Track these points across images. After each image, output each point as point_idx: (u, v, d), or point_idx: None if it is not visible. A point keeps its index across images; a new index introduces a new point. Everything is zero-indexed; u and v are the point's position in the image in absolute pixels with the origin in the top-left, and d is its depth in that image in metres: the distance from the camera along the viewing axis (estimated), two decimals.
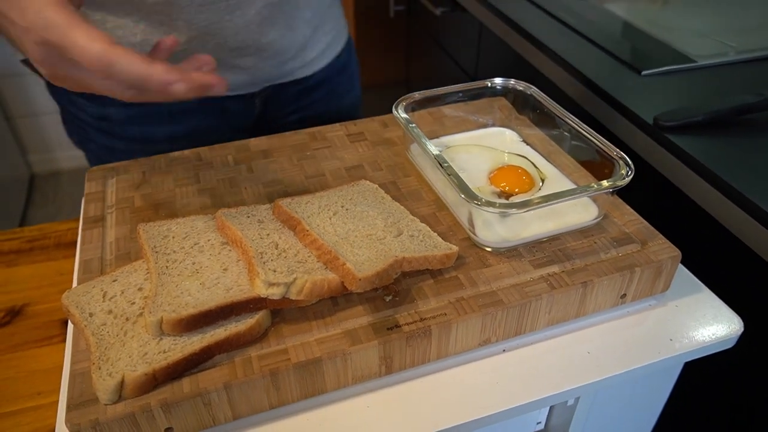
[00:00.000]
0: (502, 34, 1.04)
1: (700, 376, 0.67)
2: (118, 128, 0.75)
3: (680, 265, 0.56)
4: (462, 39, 1.26)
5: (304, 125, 0.84)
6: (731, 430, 0.68)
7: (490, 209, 0.48)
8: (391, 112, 0.71)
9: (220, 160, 0.64)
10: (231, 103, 0.79)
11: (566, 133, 0.60)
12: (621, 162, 0.52)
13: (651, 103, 0.74)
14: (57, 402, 0.56)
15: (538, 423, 0.57)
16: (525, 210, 0.48)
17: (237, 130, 0.83)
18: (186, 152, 0.65)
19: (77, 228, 0.77)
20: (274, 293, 0.43)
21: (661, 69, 0.81)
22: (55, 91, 0.74)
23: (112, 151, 0.76)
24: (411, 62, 1.64)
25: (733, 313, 0.53)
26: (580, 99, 0.83)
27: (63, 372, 0.47)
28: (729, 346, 0.51)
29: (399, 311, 0.46)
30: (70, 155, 2.22)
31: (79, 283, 0.49)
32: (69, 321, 0.52)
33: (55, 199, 2.13)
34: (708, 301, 0.54)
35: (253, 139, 0.67)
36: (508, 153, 0.63)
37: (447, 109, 0.69)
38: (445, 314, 0.46)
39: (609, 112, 0.77)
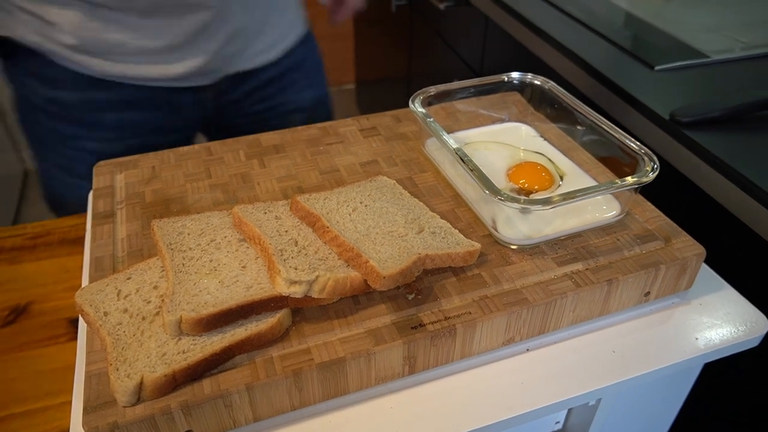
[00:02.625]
0: (509, 29, 1.03)
1: (717, 375, 0.67)
2: (68, 112, 0.75)
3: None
4: (467, 34, 1.25)
5: (259, 122, 0.87)
6: (750, 430, 0.67)
7: (514, 205, 0.47)
8: (397, 107, 0.70)
9: (232, 154, 0.62)
10: (180, 97, 0.79)
11: (586, 129, 0.59)
12: (646, 158, 0.51)
13: (665, 98, 0.73)
14: (66, 403, 0.54)
15: (556, 423, 0.56)
16: (550, 207, 0.47)
17: (189, 126, 0.84)
18: (196, 146, 0.63)
19: (82, 224, 0.75)
20: (296, 291, 0.42)
21: (674, 64, 0.80)
22: (9, 73, 0.75)
23: (59, 137, 0.77)
24: (413, 58, 1.63)
25: (758, 311, 0.52)
26: (591, 93, 0.82)
27: (76, 373, 0.46)
28: (755, 344, 0.50)
29: (422, 310, 0.45)
30: None
31: (91, 281, 0.47)
32: (80, 320, 0.50)
33: None
34: (732, 298, 0.53)
35: (264, 134, 0.65)
36: (524, 149, 0.62)
37: (460, 104, 0.68)
38: (470, 313, 0.45)
39: (622, 107, 0.76)
